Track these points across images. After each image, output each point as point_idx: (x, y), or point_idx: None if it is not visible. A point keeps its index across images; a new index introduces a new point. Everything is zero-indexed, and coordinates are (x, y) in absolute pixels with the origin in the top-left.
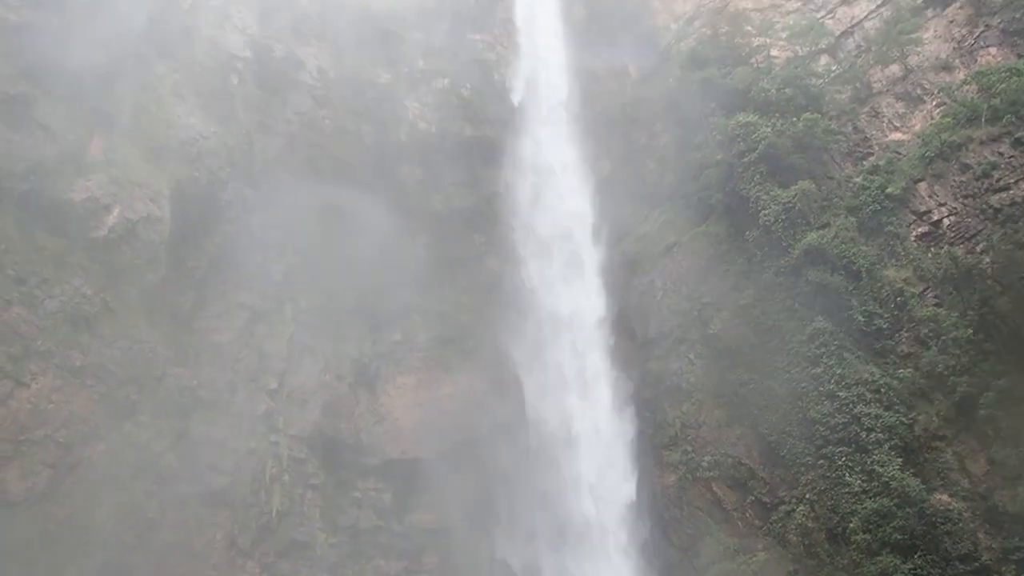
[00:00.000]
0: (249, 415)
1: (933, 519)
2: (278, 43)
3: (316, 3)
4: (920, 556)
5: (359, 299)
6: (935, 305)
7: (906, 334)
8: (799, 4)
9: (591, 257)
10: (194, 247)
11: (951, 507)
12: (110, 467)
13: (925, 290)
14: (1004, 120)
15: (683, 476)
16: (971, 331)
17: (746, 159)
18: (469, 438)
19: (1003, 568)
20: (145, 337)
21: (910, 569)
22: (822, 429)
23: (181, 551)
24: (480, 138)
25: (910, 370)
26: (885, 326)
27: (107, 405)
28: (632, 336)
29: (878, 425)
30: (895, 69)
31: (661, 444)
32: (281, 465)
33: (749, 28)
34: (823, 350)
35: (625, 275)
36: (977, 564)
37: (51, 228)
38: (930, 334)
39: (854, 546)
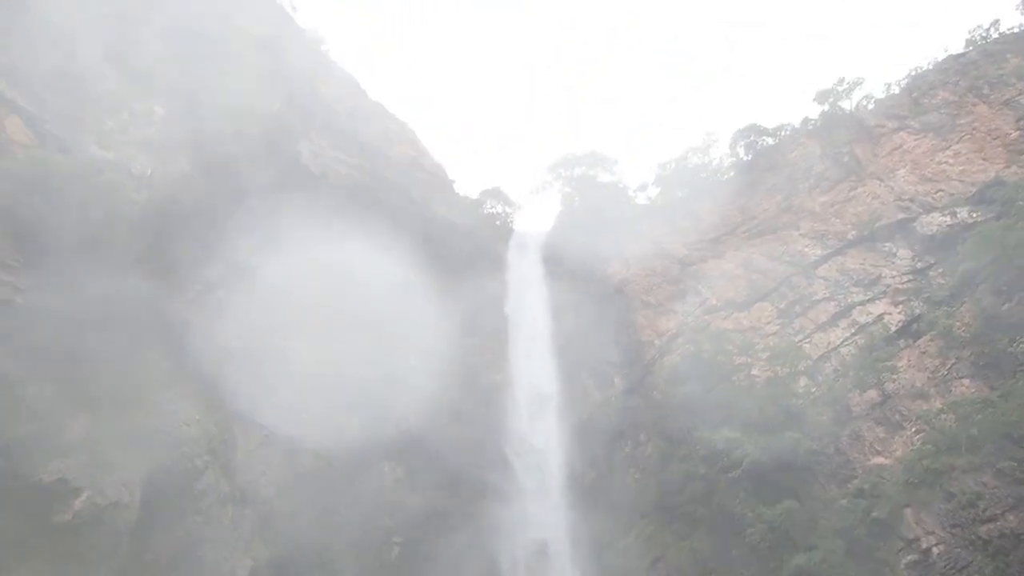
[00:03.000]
0: None
1: None
2: (273, 336)
3: (312, 301)
4: None
5: None
6: None
7: None
8: (777, 327)
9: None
10: (158, 536)
11: None
12: None
13: None
14: (984, 450)
15: None
16: None
17: (730, 475)
18: None
19: None
20: None
21: None
22: None
23: None
24: (463, 439)
25: None
26: None
27: None
28: None
29: None
30: (873, 394)
31: None
32: None
33: (730, 347)
34: None
35: None
36: None
37: (16, 508)
38: None
39: None
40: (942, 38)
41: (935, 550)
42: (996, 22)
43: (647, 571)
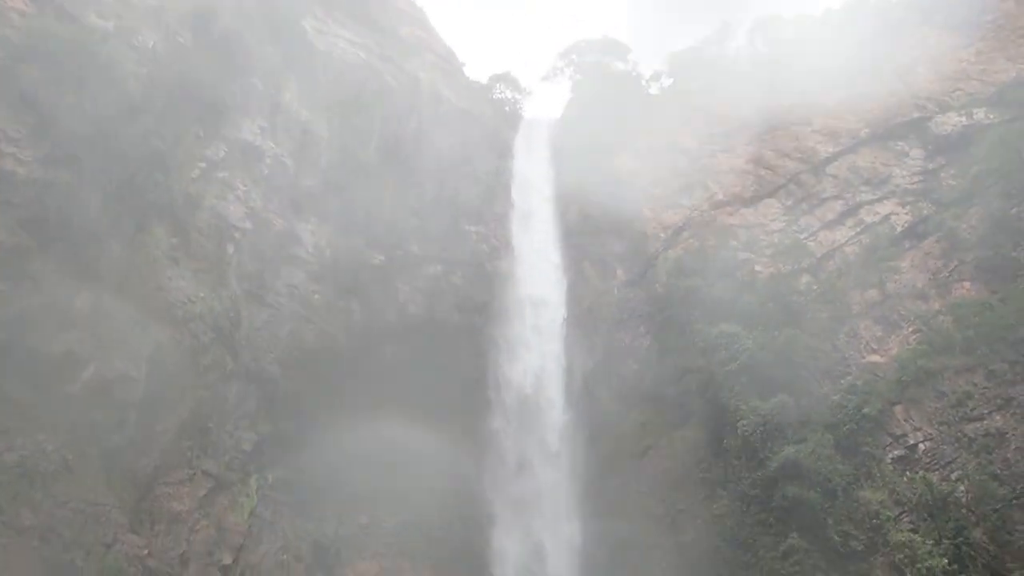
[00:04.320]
0: None
1: None
2: (279, 217)
3: (320, 183)
4: None
5: (329, 477)
6: (910, 531)
7: (881, 559)
8: (783, 224)
9: (561, 460)
10: (165, 410)
11: None
12: None
13: (900, 514)
14: (978, 352)
15: None
16: (946, 561)
17: (727, 368)
18: None
19: None
20: (100, 500)
21: None
22: None
23: None
24: (466, 326)
25: None
26: (860, 548)
27: (49, 570)
28: (604, 538)
29: None
30: (873, 294)
31: None
32: None
33: (735, 243)
34: (797, 568)
35: (601, 475)
36: None
37: (23, 378)
38: (905, 560)
39: None
40: None
41: (921, 446)
42: None
43: (639, 457)
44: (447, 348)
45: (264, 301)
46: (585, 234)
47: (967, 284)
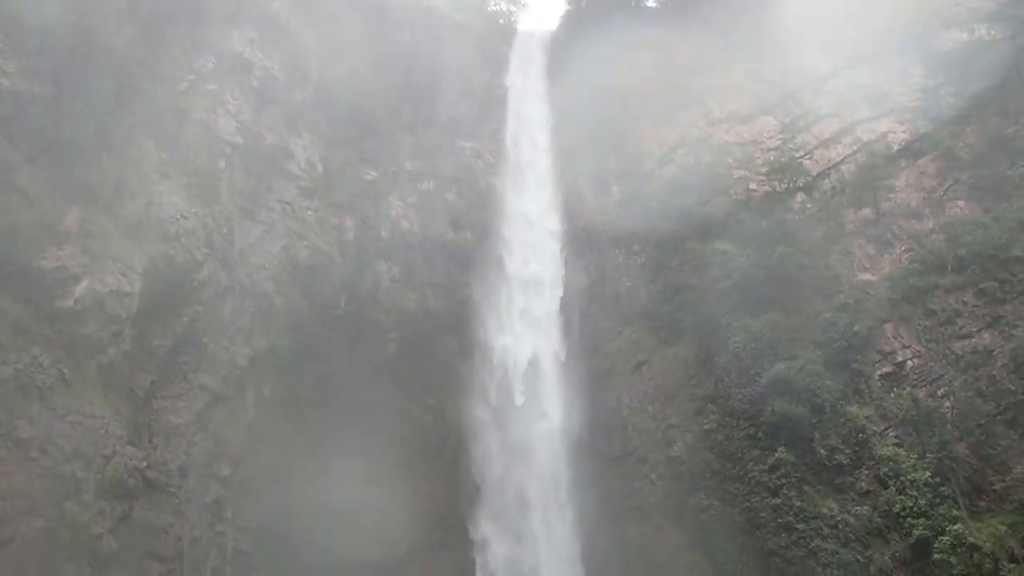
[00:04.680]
0: (198, 502)
1: None
2: (270, 132)
3: (312, 98)
4: None
5: (324, 390)
6: (895, 445)
7: (866, 472)
8: (779, 143)
9: (560, 369)
10: (160, 325)
11: None
12: (46, 546)
13: (886, 429)
14: (969, 271)
15: None
16: (929, 474)
17: (720, 286)
18: (427, 543)
19: None
20: (99, 413)
21: None
22: (778, 561)
23: None
24: (461, 242)
25: (868, 508)
26: (846, 462)
27: (50, 480)
28: (596, 452)
29: (834, 561)
30: (867, 212)
31: (620, 563)
32: (224, 556)
33: (730, 160)
34: (784, 481)
35: (593, 390)
36: None
37: (16, 294)
38: (889, 473)
39: None
40: None
41: (909, 363)
42: None
43: (631, 374)
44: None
45: (256, 217)
46: (581, 150)
47: (961, 203)
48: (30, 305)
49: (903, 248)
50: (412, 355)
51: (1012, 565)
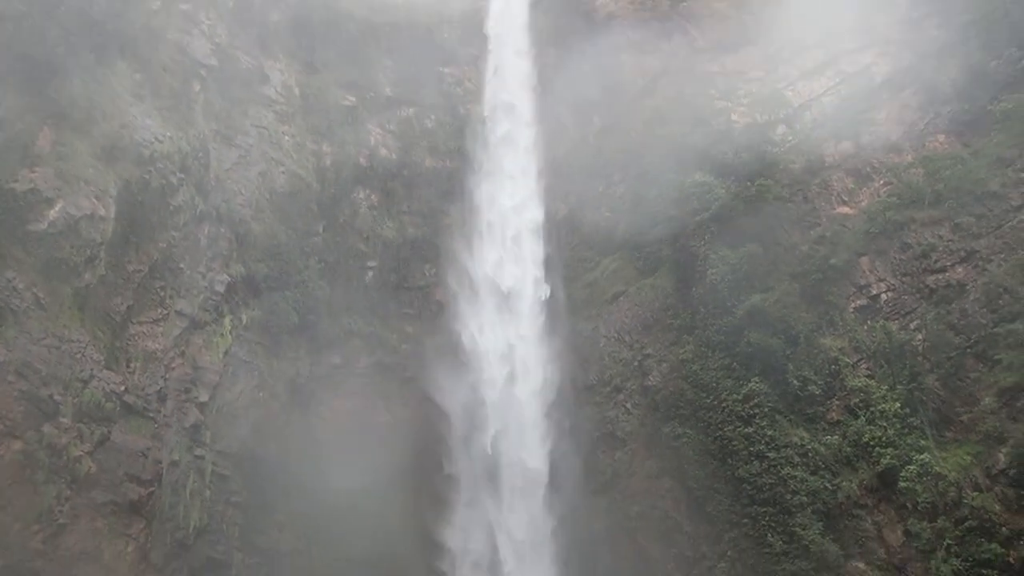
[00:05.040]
0: (176, 426)
1: None
2: (246, 55)
3: (288, 19)
4: None
5: (302, 318)
6: (867, 376)
7: (837, 402)
8: (762, 73)
9: (538, 298)
10: (136, 250)
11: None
12: (24, 468)
13: (858, 361)
14: (946, 205)
15: (611, 524)
16: (899, 405)
17: (699, 218)
18: (402, 469)
19: None
20: (75, 337)
21: None
22: (749, 488)
23: (89, 560)
24: (439, 170)
25: (838, 437)
26: (818, 392)
27: (27, 404)
28: (572, 381)
29: (803, 488)
30: (847, 146)
31: (592, 490)
32: (203, 480)
33: (713, 91)
34: (757, 411)
35: (571, 320)
36: None
37: None
38: (860, 404)
39: None
40: None
41: (883, 296)
42: None
43: (609, 304)
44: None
45: (233, 142)
46: (562, 79)
47: (941, 137)
48: (3, 228)
49: (882, 182)
50: (391, 283)
51: (975, 493)
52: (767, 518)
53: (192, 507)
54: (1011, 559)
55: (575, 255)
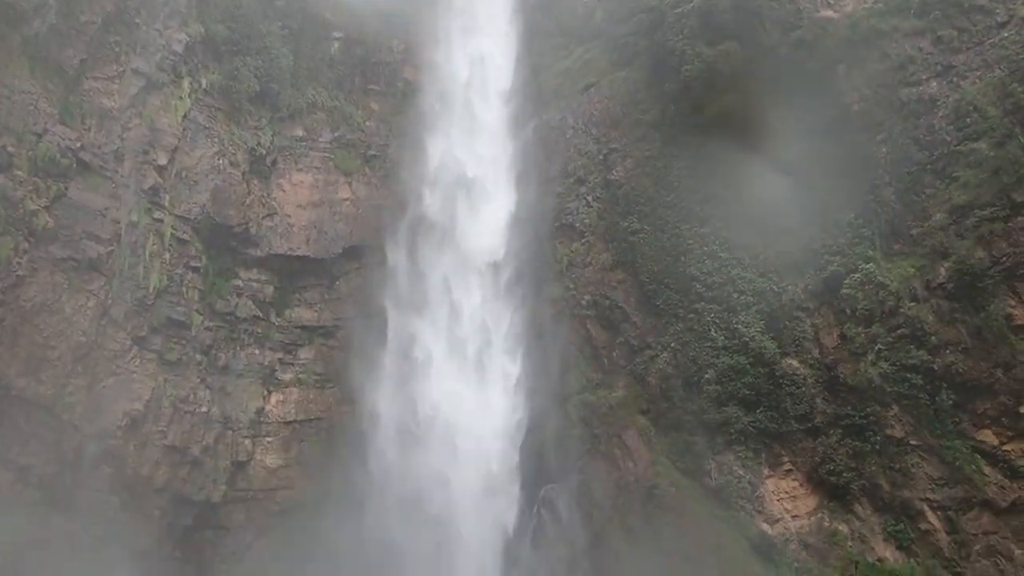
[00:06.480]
0: (134, 188)
1: (780, 380)
2: None
3: None
4: (762, 411)
5: (263, 85)
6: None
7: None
8: None
9: (509, 77)
10: (89, 1)
11: (798, 372)
12: None
13: None
14: (931, 16)
15: (561, 311)
16: (852, 215)
17: (679, 10)
18: (359, 245)
19: (831, 431)
20: (26, 88)
21: (750, 421)
22: (698, 286)
23: (50, 312)
24: None
25: (789, 243)
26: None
27: None
28: (533, 171)
29: (750, 289)
30: None
31: (545, 278)
32: (163, 243)
33: None
34: (715, 212)
35: (537, 108)
36: (810, 424)
37: None
38: (814, 213)
39: (705, 395)
40: None
41: (855, 107)
42: None
43: (579, 95)
44: None
45: None
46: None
47: None
48: None
49: None
50: (356, 57)
51: (912, 303)
52: (712, 314)
53: (151, 268)
54: (935, 366)
55: (548, 40)
